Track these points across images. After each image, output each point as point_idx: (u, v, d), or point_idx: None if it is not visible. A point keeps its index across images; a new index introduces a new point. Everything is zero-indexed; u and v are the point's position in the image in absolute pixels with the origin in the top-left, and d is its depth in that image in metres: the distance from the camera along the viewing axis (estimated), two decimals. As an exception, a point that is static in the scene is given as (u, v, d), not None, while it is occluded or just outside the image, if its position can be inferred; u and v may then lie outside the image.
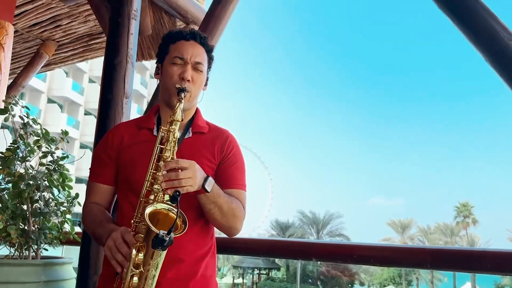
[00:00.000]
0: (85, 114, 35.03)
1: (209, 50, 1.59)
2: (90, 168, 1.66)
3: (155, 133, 1.54)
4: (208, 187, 1.34)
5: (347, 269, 36.77)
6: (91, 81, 35.45)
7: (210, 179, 1.35)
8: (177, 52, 1.51)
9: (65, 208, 2.33)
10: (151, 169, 1.33)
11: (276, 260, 37.30)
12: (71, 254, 2.66)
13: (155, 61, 1.70)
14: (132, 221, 1.31)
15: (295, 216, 42.14)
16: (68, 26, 4.25)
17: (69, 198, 2.36)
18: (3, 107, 2.30)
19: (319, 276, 36.20)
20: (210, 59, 1.60)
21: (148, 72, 40.76)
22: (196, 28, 3.11)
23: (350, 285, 36.15)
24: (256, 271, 39.23)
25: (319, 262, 36.39)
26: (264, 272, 38.97)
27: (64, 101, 32.92)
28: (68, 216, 2.36)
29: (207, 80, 1.60)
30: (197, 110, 1.63)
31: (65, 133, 2.43)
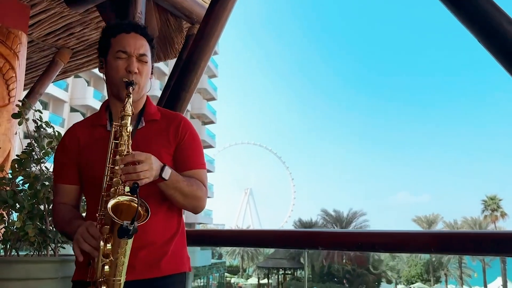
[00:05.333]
0: (107, 121, 35.51)
1: (150, 40, 1.59)
2: (52, 171, 1.70)
3: (108, 128, 1.55)
4: (165, 175, 1.38)
5: (374, 267, 36.29)
6: (111, 88, 35.86)
7: (167, 168, 1.39)
8: (119, 46, 1.51)
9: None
10: (108, 164, 1.38)
11: (301, 259, 37.11)
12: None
13: (166, 62, 1.72)
14: (97, 214, 1.36)
15: (319, 215, 41.89)
16: (81, 33, 4.36)
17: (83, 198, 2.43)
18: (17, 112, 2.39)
19: (345, 275, 35.83)
20: (153, 48, 1.61)
21: (166, 77, 41.05)
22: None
23: (376, 283, 35.64)
24: (281, 272, 39.09)
25: (344, 260, 36.06)
26: (289, 272, 38.79)
27: (86, 110, 33.52)
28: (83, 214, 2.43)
29: (152, 69, 1.62)
30: (147, 99, 1.64)
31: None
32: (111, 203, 1.27)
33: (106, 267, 1.28)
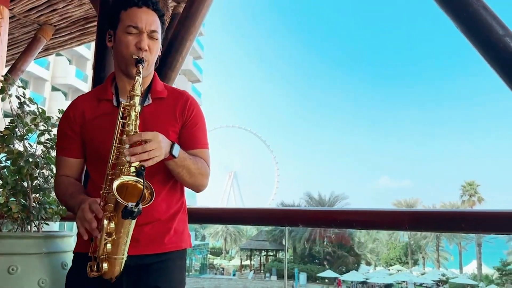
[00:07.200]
0: (90, 101, 34.90)
1: (161, 15, 1.56)
2: (56, 144, 1.68)
3: (115, 103, 1.55)
4: (175, 153, 1.39)
5: (353, 250, 37.07)
6: (94, 68, 35.19)
7: (176, 145, 1.40)
8: (130, 21, 1.47)
9: (64, 184, 2.41)
10: (115, 143, 1.36)
11: (283, 241, 37.66)
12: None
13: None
14: (101, 192, 1.36)
15: (302, 198, 42.44)
16: (64, 10, 4.28)
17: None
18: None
19: (326, 257, 36.53)
20: (163, 24, 1.57)
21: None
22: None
23: (356, 265, 36.45)
24: (264, 253, 39.65)
25: (325, 243, 36.71)
26: (272, 253, 39.39)
27: (68, 89, 32.92)
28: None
29: (161, 44, 1.59)
30: (154, 75, 1.62)
31: (62, 112, 2.51)
32: (116, 183, 1.27)
33: (109, 245, 1.30)
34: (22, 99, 2.37)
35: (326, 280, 33.78)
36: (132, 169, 1.32)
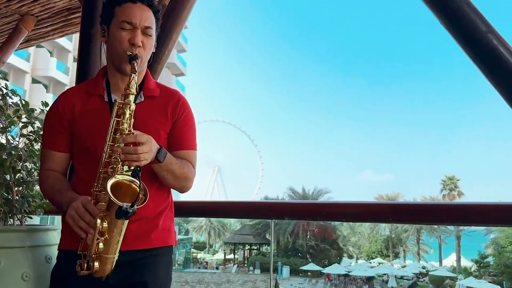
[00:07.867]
0: (71, 94, 34.31)
1: (156, 11, 1.55)
2: (42, 135, 1.66)
3: (106, 99, 1.54)
4: (161, 158, 1.40)
5: (336, 243, 37.53)
6: (75, 60, 34.53)
7: (163, 150, 1.41)
8: (124, 17, 1.47)
9: (47, 177, 2.38)
10: (108, 142, 1.34)
11: (267, 235, 37.89)
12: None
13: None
14: (93, 189, 1.35)
15: (285, 192, 42.73)
16: (47, 0, 4.18)
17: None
18: (-19, 79, 2.33)
19: (309, 250, 36.89)
20: (157, 20, 1.57)
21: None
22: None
23: (338, 258, 36.92)
24: (247, 247, 39.81)
25: (308, 236, 37.05)
26: (255, 247, 39.57)
27: (49, 81, 32.31)
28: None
29: (155, 41, 1.58)
30: (146, 73, 1.62)
31: (45, 104, 2.48)
32: (110, 182, 1.25)
33: (101, 245, 1.29)
34: (4, 91, 2.33)
35: (309, 273, 34.15)
36: (125, 168, 1.32)
